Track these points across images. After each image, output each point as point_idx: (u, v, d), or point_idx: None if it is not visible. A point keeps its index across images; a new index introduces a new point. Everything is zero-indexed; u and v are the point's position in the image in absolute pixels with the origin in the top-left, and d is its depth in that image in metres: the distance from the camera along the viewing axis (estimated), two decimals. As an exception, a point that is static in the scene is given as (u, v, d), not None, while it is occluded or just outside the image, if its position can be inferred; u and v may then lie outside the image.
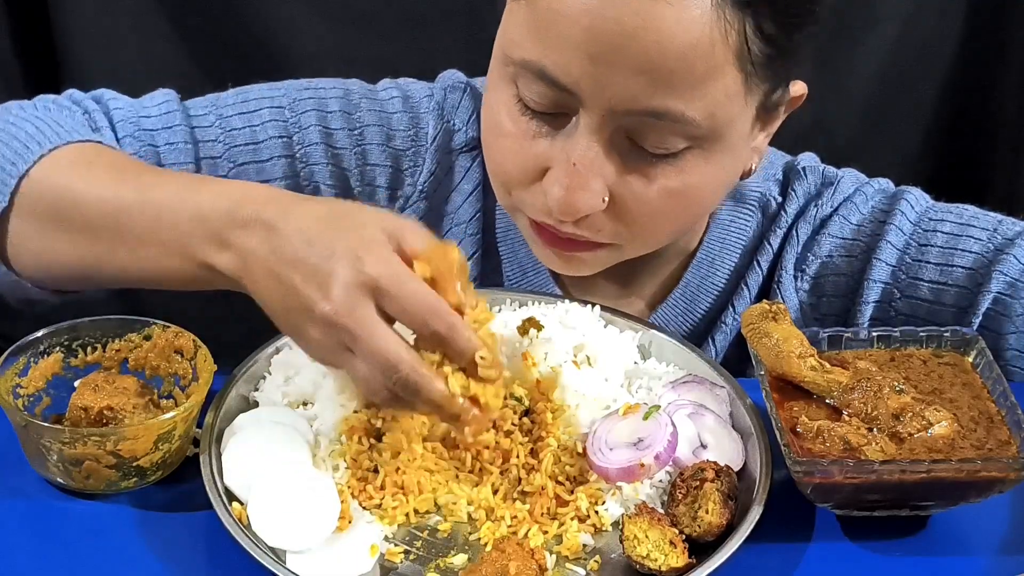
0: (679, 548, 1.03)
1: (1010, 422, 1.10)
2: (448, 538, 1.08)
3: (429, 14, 2.09)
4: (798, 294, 1.38)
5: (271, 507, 1.03)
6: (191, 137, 1.35)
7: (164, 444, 1.09)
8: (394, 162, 1.39)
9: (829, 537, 1.11)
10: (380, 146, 1.38)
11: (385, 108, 1.39)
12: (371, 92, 1.41)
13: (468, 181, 1.40)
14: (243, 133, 1.36)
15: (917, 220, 1.35)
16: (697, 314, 1.39)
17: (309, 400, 1.16)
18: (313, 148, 1.37)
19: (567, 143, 1.17)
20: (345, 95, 1.39)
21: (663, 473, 1.11)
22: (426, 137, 1.39)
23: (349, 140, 1.38)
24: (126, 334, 1.17)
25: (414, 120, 1.39)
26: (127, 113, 1.34)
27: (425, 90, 1.41)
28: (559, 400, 1.15)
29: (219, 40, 2.13)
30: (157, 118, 1.35)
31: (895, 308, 1.35)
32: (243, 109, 1.37)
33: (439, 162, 1.39)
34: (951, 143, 2.26)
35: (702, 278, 1.39)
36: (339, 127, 1.38)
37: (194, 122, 1.36)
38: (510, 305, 1.26)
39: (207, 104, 1.38)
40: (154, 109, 1.36)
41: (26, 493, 1.11)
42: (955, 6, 2.18)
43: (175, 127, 1.34)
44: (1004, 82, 2.21)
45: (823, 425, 1.08)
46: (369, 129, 1.38)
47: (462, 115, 1.39)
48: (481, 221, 1.41)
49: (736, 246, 1.39)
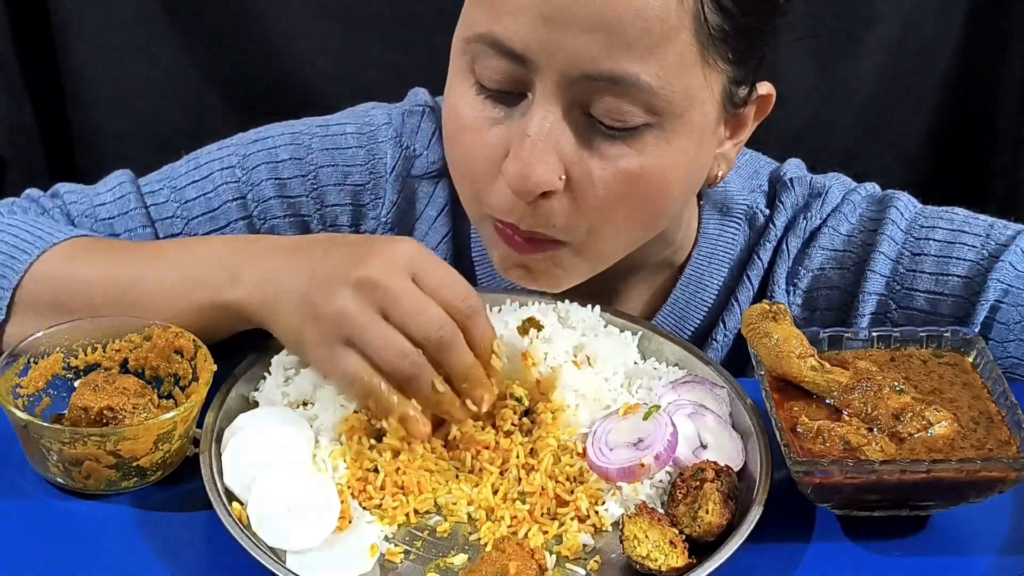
0: (679, 548, 1.03)
1: (1010, 422, 1.10)
2: (448, 538, 1.08)
3: (429, 15, 2.09)
4: (791, 309, 1.35)
5: (271, 507, 1.03)
6: (148, 219, 1.36)
7: (164, 444, 1.09)
8: (354, 199, 1.38)
9: (829, 537, 1.10)
10: (337, 186, 1.38)
11: (338, 144, 1.38)
12: (323, 128, 1.39)
13: (432, 207, 1.39)
14: (198, 203, 1.36)
15: (908, 228, 1.33)
16: (687, 331, 1.38)
17: (309, 400, 1.16)
18: (269, 204, 1.37)
19: (523, 120, 1.15)
20: (293, 139, 1.38)
21: (663, 473, 1.11)
22: (384, 167, 1.37)
23: (304, 187, 1.37)
24: (126, 334, 1.17)
25: (370, 152, 1.38)
26: (83, 207, 1.36)
27: (384, 117, 1.39)
28: (559, 400, 1.15)
29: (219, 40, 2.13)
30: (112, 204, 1.36)
31: (891, 320, 1.33)
32: (195, 177, 1.37)
33: (400, 191, 1.38)
34: (951, 143, 2.26)
35: (691, 294, 1.37)
36: (292, 175, 1.37)
37: (149, 200, 1.36)
38: (510, 305, 1.26)
39: (161, 179, 1.38)
40: (108, 195, 1.37)
41: (26, 493, 1.11)
42: (955, 6, 2.18)
43: (131, 212, 1.35)
44: (1004, 82, 2.21)
45: (823, 425, 1.08)
46: (323, 171, 1.37)
47: (422, 139, 1.38)
48: (450, 245, 1.40)
49: (724, 261, 1.37)
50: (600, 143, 1.15)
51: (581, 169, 1.16)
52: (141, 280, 1.20)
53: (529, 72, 1.13)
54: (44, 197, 1.37)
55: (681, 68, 1.13)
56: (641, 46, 1.10)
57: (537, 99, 1.14)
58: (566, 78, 1.12)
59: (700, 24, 1.12)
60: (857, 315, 1.34)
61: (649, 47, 1.10)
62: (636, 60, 1.11)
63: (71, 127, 2.16)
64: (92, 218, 1.35)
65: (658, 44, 1.11)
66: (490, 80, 1.15)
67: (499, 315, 1.24)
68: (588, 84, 1.12)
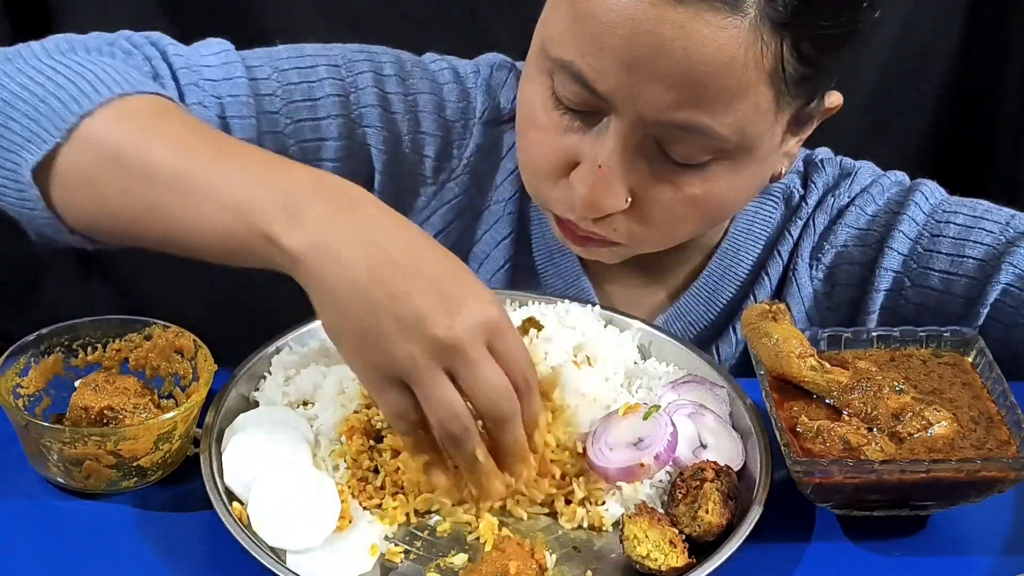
0: (679, 548, 1.03)
1: (1010, 422, 1.10)
2: (448, 538, 1.08)
3: (429, 14, 2.09)
4: (812, 283, 1.39)
5: (271, 507, 1.03)
6: (251, 90, 1.32)
7: (164, 444, 1.09)
8: (444, 132, 1.38)
9: (829, 537, 1.11)
10: (432, 114, 1.38)
11: (436, 78, 1.39)
12: (421, 62, 1.40)
13: (510, 159, 1.40)
14: (300, 88, 1.33)
15: (931, 211, 1.36)
16: (719, 304, 1.40)
17: (309, 400, 1.16)
18: (368, 110, 1.36)
19: (596, 142, 1.17)
20: (398, 60, 1.38)
21: (663, 473, 1.11)
22: (474, 111, 1.39)
23: (403, 105, 1.37)
24: (126, 334, 1.17)
25: (464, 93, 1.39)
26: (188, 60, 1.30)
27: (471, 66, 1.41)
28: (559, 400, 1.15)
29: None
30: (217, 68, 1.31)
31: (905, 297, 1.36)
32: (299, 64, 1.34)
33: (487, 137, 1.39)
34: (951, 143, 2.26)
35: (724, 269, 1.40)
36: (394, 91, 1.37)
37: (253, 74, 1.32)
38: (510, 305, 1.26)
39: (261, 57, 1.35)
40: (213, 59, 1.32)
41: (26, 493, 1.11)
42: (955, 6, 2.18)
43: (236, 79, 1.31)
44: (1004, 82, 2.20)
45: (823, 425, 1.08)
46: (422, 96, 1.37)
47: (507, 94, 1.40)
48: (518, 202, 1.41)
49: (760, 238, 1.40)
50: (668, 172, 1.18)
51: (648, 193, 1.19)
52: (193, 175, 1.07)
53: (606, 104, 1.15)
54: (147, 45, 1.30)
55: (755, 117, 1.15)
56: (717, 101, 1.12)
57: (612, 131, 1.16)
58: (642, 120, 1.14)
59: (777, 76, 1.13)
60: (873, 290, 1.36)
61: (725, 102, 1.12)
62: (711, 113, 1.13)
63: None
64: (198, 74, 1.29)
65: (734, 99, 1.12)
66: (568, 100, 1.17)
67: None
68: (662, 128, 1.14)
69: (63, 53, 1.23)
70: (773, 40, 1.11)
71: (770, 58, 1.12)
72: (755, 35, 1.10)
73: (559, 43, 1.16)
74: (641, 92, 1.12)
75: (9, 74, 1.16)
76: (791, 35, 1.12)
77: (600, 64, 1.12)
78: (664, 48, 1.09)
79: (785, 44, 1.12)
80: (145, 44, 1.30)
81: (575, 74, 1.14)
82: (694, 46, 1.09)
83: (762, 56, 1.11)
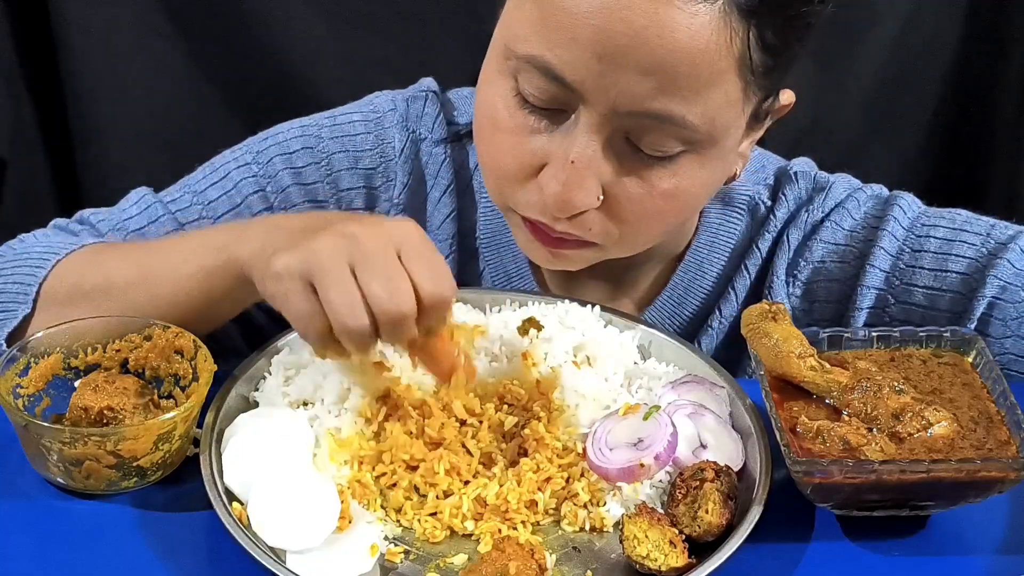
0: (679, 548, 1.03)
1: (1010, 422, 1.10)
2: (448, 538, 1.08)
3: (429, 14, 2.09)
4: (790, 299, 1.37)
5: (271, 507, 1.04)
6: (176, 223, 1.37)
7: (164, 444, 1.09)
8: (367, 182, 1.40)
9: (829, 537, 1.11)
10: (349, 170, 1.40)
11: (347, 132, 1.40)
12: (331, 119, 1.42)
13: (438, 187, 1.41)
14: (221, 202, 1.38)
15: (910, 225, 1.34)
16: (684, 316, 1.39)
17: (309, 400, 1.16)
18: (288, 192, 1.39)
19: (565, 140, 1.17)
20: (303, 131, 1.41)
21: (663, 473, 1.11)
22: (393, 151, 1.40)
23: (318, 172, 1.39)
24: (126, 334, 1.17)
25: (379, 137, 1.40)
26: (112, 223, 1.37)
27: (388, 103, 1.42)
28: (559, 400, 1.15)
29: (219, 40, 2.13)
30: (140, 216, 1.38)
31: (889, 314, 1.34)
32: (213, 179, 1.39)
33: (411, 173, 1.40)
34: (951, 143, 2.26)
35: (690, 280, 1.39)
36: (306, 163, 1.39)
37: (173, 207, 1.38)
38: (510, 305, 1.26)
39: (180, 188, 1.40)
40: (133, 209, 1.38)
41: (26, 493, 1.11)
42: (955, 6, 2.18)
43: (159, 219, 1.37)
44: (1004, 82, 2.21)
45: (823, 425, 1.08)
46: (335, 157, 1.40)
47: (426, 123, 1.41)
48: (456, 223, 1.41)
49: (724, 249, 1.39)
50: (638, 166, 1.18)
51: (619, 189, 1.18)
52: (156, 251, 1.24)
53: (576, 98, 1.14)
54: (72, 223, 1.39)
55: (725, 107, 1.15)
56: (690, 89, 1.12)
57: (581, 125, 1.15)
58: (614, 112, 1.13)
59: (745, 64, 1.13)
60: (855, 308, 1.35)
61: (697, 89, 1.12)
62: (684, 101, 1.12)
63: (71, 127, 2.16)
64: (123, 231, 1.37)
65: (706, 86, 1.12)
66: (534, 97, 1.17)
67: (499, 315, 1.24)
68: (634, 119, 1.14)
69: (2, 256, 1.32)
70: (741, 27, 1.11)
71: (738, 45, 1.12)
72: (725, 21, 1.10)
73: (525, 40, 1.15)
74: (614, 82, 1.11)
75: None
76: (756, 23, 1.12)
77: (571, 56, 1.12)
78: (639, 36, 1.09)
79: (752, 32, 1.12)
80: (71, 223, 1.39)
81: (544, 68, 1.14)
82: (668, 33, 1.09)
83: (731, 43, 1.11)
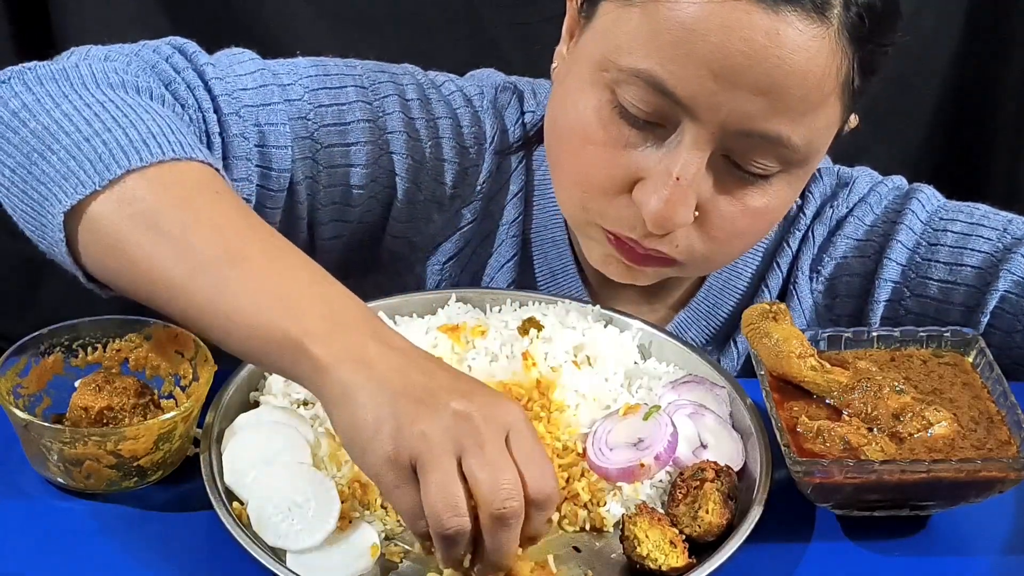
0: (679, 548, 1.03)
1: (1010, 422, 1.10)
2: (448, 538, 1.08)
3: (430, 14, 2.09)
4: (813, 295, 1.39)
5: (271, 507, 1.03)
6: (287, 116, 1.26)
7: (164, 444, 1.09)
8: (461, 159, 1.35)
9: (829, 537, 1.11)
10: (451, 140, 1.34)
11: (450, 102, 1.35)
12: (435, 84, 1.36)
13: (515, 183, 1.38)
14: (331, 112, 1.28)
15: (928, 219, 1.36)
16: (720, 317, 1.40)
17: (309, 400, 1.16)
18: (394, 136, 1.31)
19: (667, 156, 1.15)
20: (418, 83, 1.34)
21: (663, 473, 1.11)
22: (485, 136, 1.36)
23: (427, 131, 1.33)
24: (126, 334, 1.17)
25: (475, 117, 1.36)
26: (227, 85, 1.23)
27: (475, 87, 1.38)
28: (559, 400, 1.15)
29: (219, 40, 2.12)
30: (255, 92, 1.25)
31: (905, 307, 1.36)
32: (327, 84, 1.29)
33: (496, 163, 1.37)
34: (951, 143, 2.26)
35: (724, 282, 1.40)
36: (418, 116, 1.33)
37: (288, 95, 1.26)
38: (510, 305, 1.26)
39: (291, 74, 1.28)
40: (249, 80, 1.25)
41: (26, 493, 1.11)
42: (955, 6, 2.18)
43: (273, 105, 1.25)
44: (1004, 82, 2.21)
45: (823, 425, 1.08)
46: (442, 122, 1.34)
47: (511, 116, 1.38)
48: (522, 224, 1.39)
49: (758, 249, 1.40)
50: (733, 184, 1.18)
51: (712, 206, 1.18)
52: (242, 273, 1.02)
53: (682, 114, 1.13)
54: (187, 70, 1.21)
55: (824, 129, 1.16)
56: (799, 110, 1.12)
57: (687, 142, 1.14)
58: (722, 130, 1.13)
59: (847, 88, 1.14)
60: (874, 302, 1.36)
61: (804, 111, 1.12)
62: (791, 123, 1.13)
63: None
64: (238, 102, 1.23)
65: (813, 109, 1.13)
66: (636, 109, 1.15)
67: (499, 315, 1.24)
68: (741, 138, 1.14)
69: (113, 87, 1.13)
70: (850, 51, 1.12)
71: (845, 69, 1.12)
72: (838, 44, 1.11)
73: (632, 53, 1.13)
74: (727, 100, 1.10)
75: (54, 97, 1.09)
76: (863, 48, 1.12)
77: (685, 71, 1.10)
78: (757, 56, 1.08)
79: (857, 57, 1.13)
80: (187, 69, 1.22)
81: (654, 82, 1.12)
82: (787, 54, 1.09)
83: (840, 67, 1.12)
